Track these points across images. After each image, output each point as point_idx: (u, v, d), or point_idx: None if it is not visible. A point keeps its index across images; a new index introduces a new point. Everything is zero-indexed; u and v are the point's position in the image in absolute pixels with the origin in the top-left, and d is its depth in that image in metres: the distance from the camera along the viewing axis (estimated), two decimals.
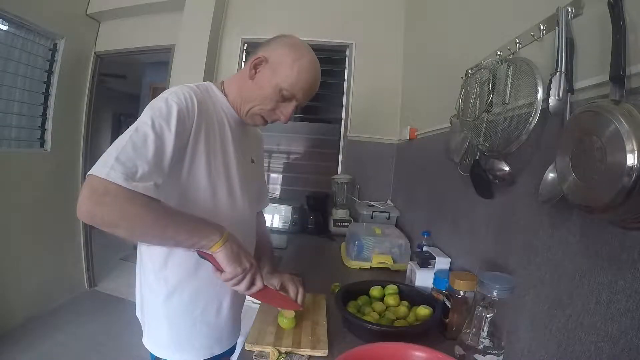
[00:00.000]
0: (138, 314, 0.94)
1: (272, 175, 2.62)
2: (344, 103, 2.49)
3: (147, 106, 0.76)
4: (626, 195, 0.44)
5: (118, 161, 0.66)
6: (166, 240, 0.75)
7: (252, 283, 0.80)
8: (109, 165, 0.66)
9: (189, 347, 0.89)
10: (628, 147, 0.43)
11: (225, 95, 0.91)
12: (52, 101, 2.60)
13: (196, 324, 0.88)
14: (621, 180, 0.44)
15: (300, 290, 0.99)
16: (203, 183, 0.82)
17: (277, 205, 2.22)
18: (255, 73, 0.86)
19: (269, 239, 1.17)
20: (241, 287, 0.79)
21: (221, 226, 0.77)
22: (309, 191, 2.35)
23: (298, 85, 0.85)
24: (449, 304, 0.93)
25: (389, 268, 1.47)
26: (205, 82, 0.91)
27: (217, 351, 0.93)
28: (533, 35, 0.80)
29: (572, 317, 0.64)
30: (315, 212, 2.19)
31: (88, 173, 0.67)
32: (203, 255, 0.77)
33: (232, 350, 1.02)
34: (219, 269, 0.77)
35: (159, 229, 0.70)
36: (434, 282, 1.07)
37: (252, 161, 1.02)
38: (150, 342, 0.90)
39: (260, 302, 0.91)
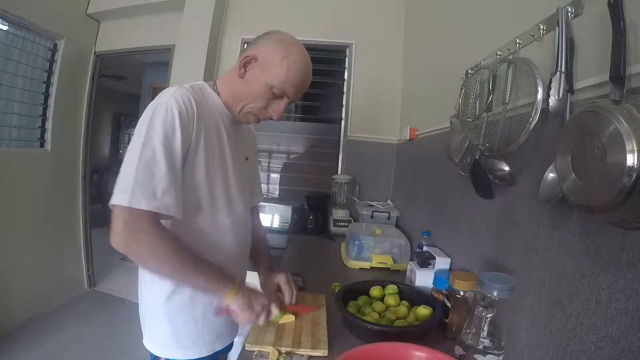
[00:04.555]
0: (140, 315, 0.94)
1: (272, 175, 2.62)
2: (344, 103, 2.49)
3: (147, 115, 0.76)
4: (626, 195, 0.44)
5: (136, 184, 0.70)
6: (184, 282, 0.82)
7: (268, 314, 0.84)
8: (129, 191, 0.70)
9: (191, 345, 0.89)
10: (628, 147, 0.43)
11: (218, 94, 0.91)
12: (52, 101, 2.60)
13: (198, 322, 0.89)
14: (621, 180, 0.44)
15: (294, 293, 1.00)
16: (202, 185, 0.83)
17: (277, 205, 2.22)
18: (245, 72, 0.86)
19: (264, 237, 1.18)
20: (260, 322, 0.83)
21: (233, 276, 0.83)
22: (309, 191, 2.35)
23: (288, 82, 0.84)
24: (449, 304, 0.93)
25: (389, 268, 1.47)
26: (198, 82, 0.90)
27: (218, 347, 0.94)
28: (533, 35, 0.80)
29: (572, 317, 0.64)
30: (315, 212, 2.19)
31: (112, 202, 0.71)
32: (223, 315, 0.86)
33: (230, 347, 1.03)
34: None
35: (182, 274, 0.76)
36: (434, 282, 1.07)
37: (246, 159, 1.02)
38: (151, 342, 0.90)
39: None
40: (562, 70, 0.67)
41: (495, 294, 0.71)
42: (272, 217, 2.20)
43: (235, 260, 0.94)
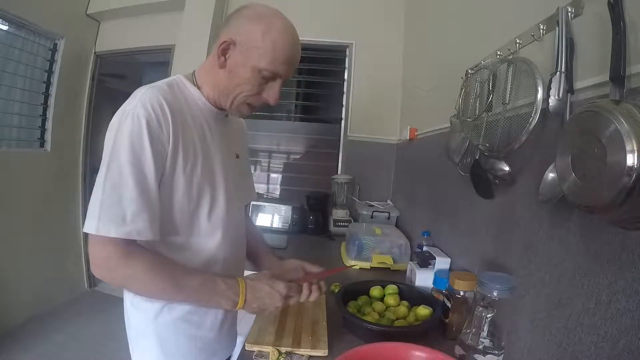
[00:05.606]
0: (128, 337, 0.86)
1: (272, 175, 2.62)
2: (344, 103, 2.49)
3: (114, 125, 0.67)
4: (626, 195, 0.44)
5: (103, 209, 0.64)
6: (177, 302, 0.77)
7: (289, 297, 0.78)
8: (96, 217, 0.64)
9: None
10: (628, 147, 0.43)
11: (199, 87, 0.80)
12: (52, 101, 2.60)
13: (190, 341, 0.82)
14: (621, 180, 0.44)
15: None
16: (186, 198, 0.75)
17: (277, 205, 2.22)
18: (226, 60, 0.74)
19: (259, 233, 1.11)
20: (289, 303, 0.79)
21: (233, 282, 0.74)
22: (309, 191, 2.35)
23: (277, 60, 0.73)
24: (449, 304, 0.93)
25: (389, 268, 1.46)
26: (175, 77, 0.80)
27: None
28: (533, 35, 0.80)
29: (572, 317, 0.64)
30: (315, 212, 2.19)
31: (83, 229, 0.66)
32: None
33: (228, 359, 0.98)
34: None
35: (165, 295, 0.72)
36: (434, 282, 1.07)
37: (237, 156, 0.93)
38: None
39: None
40: (562, 70, 0.67)
41: (495, 294, 0.70)
42: (272, 217, 2.20)
43: (232, 267, 0.87)
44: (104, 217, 0.63)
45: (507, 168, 0.86)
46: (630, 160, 0.43)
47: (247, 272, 1.06)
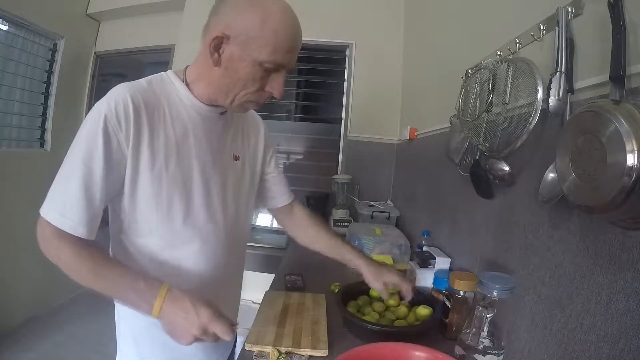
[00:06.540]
0: None
1: None
2: (344, 103, 2.49)
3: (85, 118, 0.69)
4: (626, 195, 0.44)
5: (50, 194, 0.67)
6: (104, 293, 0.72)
7: (207, 334, 0.64)
8: (46, 200, 0.67)
9: None
10: (628, 147, 0.43)
11: (188, 84, 0.75)
12: (52, 101, 2.61)
13: (165, 349, 0.77)
14: (621, 180, 0.44)
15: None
16: (151, 197, 0.71)
17: None
18: (220, 57, 0.68)
19: (331, 231, 1.01)
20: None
21: (156, 284, 0.65)
22: (309, 191, 2.35)
23: (280, 50, 0.66)
24: (449, 304, 0.93)
25: None
26: (163, 73, 0.77)
27: None
28: (533, 35, 0.80)
29: (572, 317, 0.64)
30: (315, 212, 2.18)
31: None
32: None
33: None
34: None
35: (88, 283, 0.68)
36: (434, 282, 1.07)
37: (237, 158, 0.86)
38: None
39: None
40: (562, 70, 0.67)
41: (495, 294, 0.71)
42: (272, 217, 2.20)
43: (211, 285, 0.80)
44: (48, 200, 0.66)
45: (507, 168, 0.86)
46: (630, 160, 0.43)
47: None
